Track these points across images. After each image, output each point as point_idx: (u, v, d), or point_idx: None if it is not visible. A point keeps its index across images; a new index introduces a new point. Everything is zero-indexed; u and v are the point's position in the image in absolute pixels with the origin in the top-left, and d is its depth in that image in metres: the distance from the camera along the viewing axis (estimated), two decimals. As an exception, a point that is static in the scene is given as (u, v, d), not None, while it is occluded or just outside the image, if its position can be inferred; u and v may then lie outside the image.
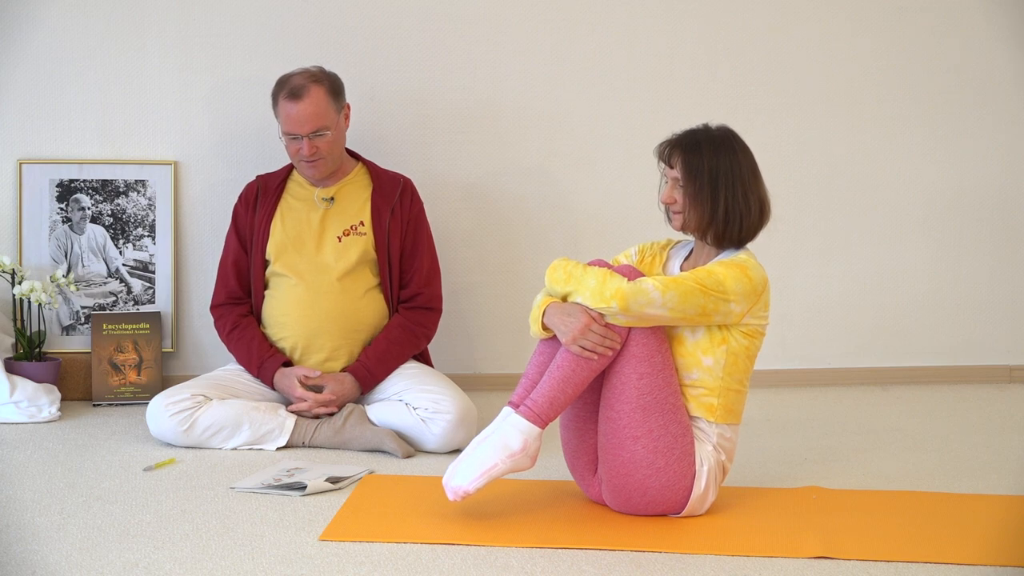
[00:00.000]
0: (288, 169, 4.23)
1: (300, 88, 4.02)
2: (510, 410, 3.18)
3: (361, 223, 4.13)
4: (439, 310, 4.21)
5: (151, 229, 4.59)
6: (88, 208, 4.56)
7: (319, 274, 4.08)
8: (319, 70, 4.09)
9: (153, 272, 4.60)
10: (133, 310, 4.57)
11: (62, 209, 4.55)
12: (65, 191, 4.55)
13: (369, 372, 4.03)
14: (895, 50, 4.83)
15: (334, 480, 3.50)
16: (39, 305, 4.37)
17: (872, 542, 3.06)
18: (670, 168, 3.28)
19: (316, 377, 3.99)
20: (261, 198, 4.18)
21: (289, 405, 3.99)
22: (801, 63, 4.80)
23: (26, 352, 4.40)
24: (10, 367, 4.32)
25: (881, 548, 3.02)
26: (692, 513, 3.24)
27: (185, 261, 4.62)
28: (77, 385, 4.51)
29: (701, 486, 3.20)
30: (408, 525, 3.16)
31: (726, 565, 2.94)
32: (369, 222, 4.13)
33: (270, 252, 4.13)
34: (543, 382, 3.17)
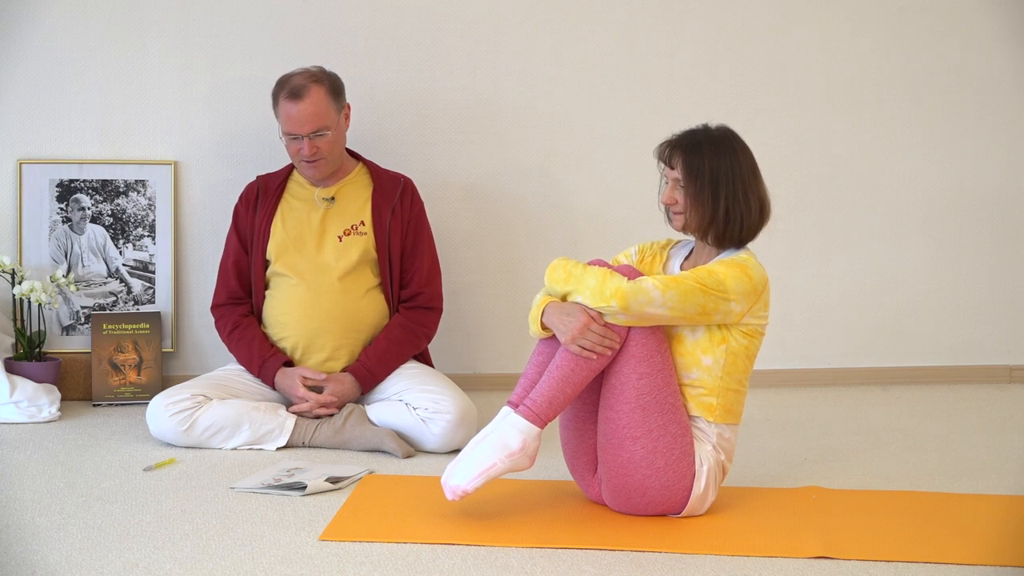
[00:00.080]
0: (289, 169, 4.23)
1: (300, 88, 4.02)
2: (509, 410, 3.18)
3: (362, 223, 4.13)
4: (439, 310, 4.21)
5: (151, 229, 4.59)
6: (88, 208, 4.56)
7: (320, 274, 4.08)
8: (319, 70, 4.09)
9: (153, 272, 4.60)
10: (133, 310, 4.57)
11: (62, 209, 4.55)
12: (65, 191, 4.55)
13: (369, 372, 4.03)
14: (895, 50, 4.83)
15: (334, 480, 3.50)
16: (39, 305, 4.37)
17: (872, 542, 3.06)
18: (670, 169, 3.27)
19: (320, 380, 3.99)
20: (262, 198, 4.18)
21: (290, 406, 3.99)
22: (801, 63, 4.80)
23: (26, 352, 4.40)
24: (10, 367, 4.32)
25: (881, 548, 3.02)
26: (692, 513, 3.23)
27: (185, 261, 4.62)
28: (77, 385, 4.51)
29: (701, 486, 3.20)
30: (408, 525, 3.16)
31: (726, 565, 2.94)
32: (370, 222, 4.13)
33: (271, 252, 4.13)
34: (542, 382, 3.16)
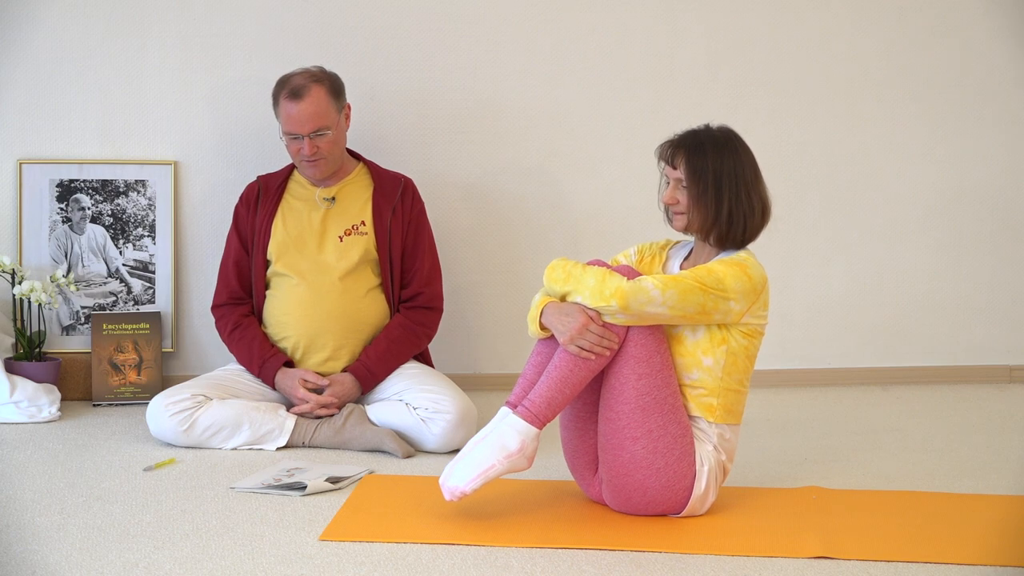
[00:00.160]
0: (289, 169, 4.23)
1: (301, 88, 4.02)
2: (508, 410, 3.18)
3: (362, 223, 4.13)
4: (440, 310, 4.21)
5: (151, 229, 4.59)
6: (88, 208, 4.56)
7: (320, 274, 4.08)
8: (320, 70, 4.09)
9: (153, 272, 4.59)
10: (133, 310, 4.57)
11: (62, 209, 4.55)
12: (65, 191, 4.55)
13: (370, 372, 4.03)
14: (895, 50, 4.83)
15: (334, 480, 3.50)
16: (39, 305, 4.37)
17: (872, 542, 3.06)
18: (672, 169, 3.26)
19: (321, 383, 3.99)
20: (262, 198, 4.18)
21: (291, 407, 3.99)
22: (801, 63, 4.80)
23: (26, 352, 4.40)
24: (10, 367, 4.32)
25: (881, 548, 3.02)
26: (692, 513, 3.23)
27: (185, 261, 4.62)
28: (77, 385, 4.51)
29: (701, 486, 3.20)
30: (408, 525, 3.16)
31: (726, 565, 2.94)
32: (370, 222, 4.13)
33: (271, 252, 4.13)
34: (541, 382, 3.16)
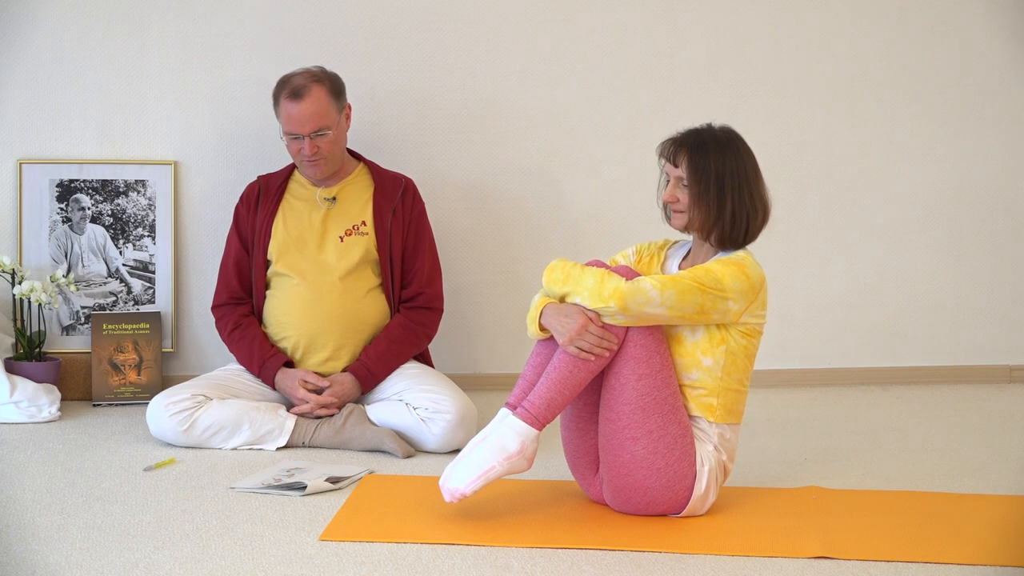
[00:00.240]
0: (290, 169, 4.23)
1: (301, 88, 4.02)
2: (507, 412, 3.17)
3: (363, 223, 4.13)
4: (440, 310, 4.21)
5: (151, 229, 4.59)
6: (88, 208, 4.56)
7: (321, 274, 4.08)
8: (320, 70, 4.09)
9: (153, 272, 4.59)
10: (133, 310, 4.57)
11: (62, 209, 4.55)
12: (65, 191, 4.55)
13: (370, 372, 4.03)
14: (895, 50, 4.83)
15: (334, 480, 3.50)
16: (39, 305, 4.37)
17: (872, 542, 3.06)
18: (674, 167, 3.26)
19: (322, 384, 3.99)
20: (263, 198, 4.18)
21: (291, 407, 3.99)
22: (801, 63, 4.80)
23: (26, 352, 4.40)
24: (10, 367, 4.32)
25: (881, 548, 3.02)
26: (693, 513, 3.23)
27: (185, 261, 4.62)
28: (77, 385, 4.51)
29: (702, 486, 3.20)
30: (408, 525, 3.16)
31: (726, 565, 2.94)
32: (371, 222, 4.13)
33: (272, 252, 4.13)
34: (540, 383, 3.16)
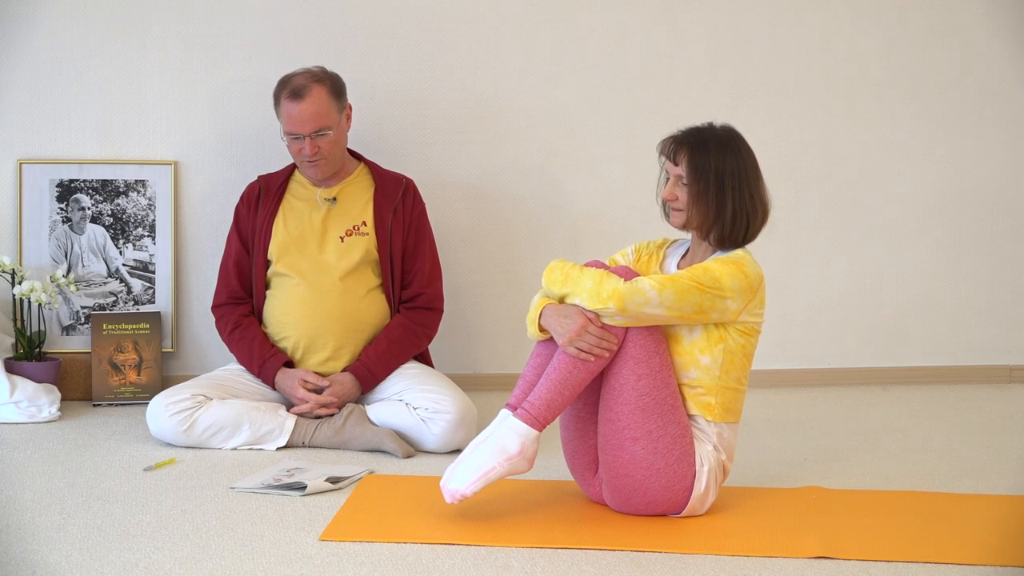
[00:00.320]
0: (290, 169, 4.23)
1: (302, 88, 4.02)
2: (507, 413, 3.17)
3: (364, 223, 4.13)
4: (440, 310, 4.21)
5: (151, 229, 4.59)
6: (88, 208, 4.56)
7: (321, 274, 4.08)
8: (321, 70, 4.09)
9: (153, 272, 4.59)
10: (133, 310, 4.57)
11: (62, 209, 4.55)
12: (65, 191, 4.55)
13: (370, 372, 4.03)
14: (895, 50, 4.83)
15: (334, 480, 3.50)
16: (39, 305, 4.37)
17: (872, 542, 3.06)
18: (674, 165, 3.26)
19: (321, 384, 3.99)
20: (263, 198, 4.18)
21: (291, 407, 3.99)
22: (801, 63, 4.80)
23: (26, 352, 4.40)
24: (10, 367, 4.32)
25: (881, 548, 3.02)
26: (692, 513, 3.23)
27: (185, 261, 4.62)
28: (77, 385, 4.51)
29: (701, 486, 3.20)
30: (408, 525, 3.16)
31: (726, 565, 2.94)
32: (371, 222, 4.13)
33: (272, 252, 4.13)
34: (540, 384, 3.16)
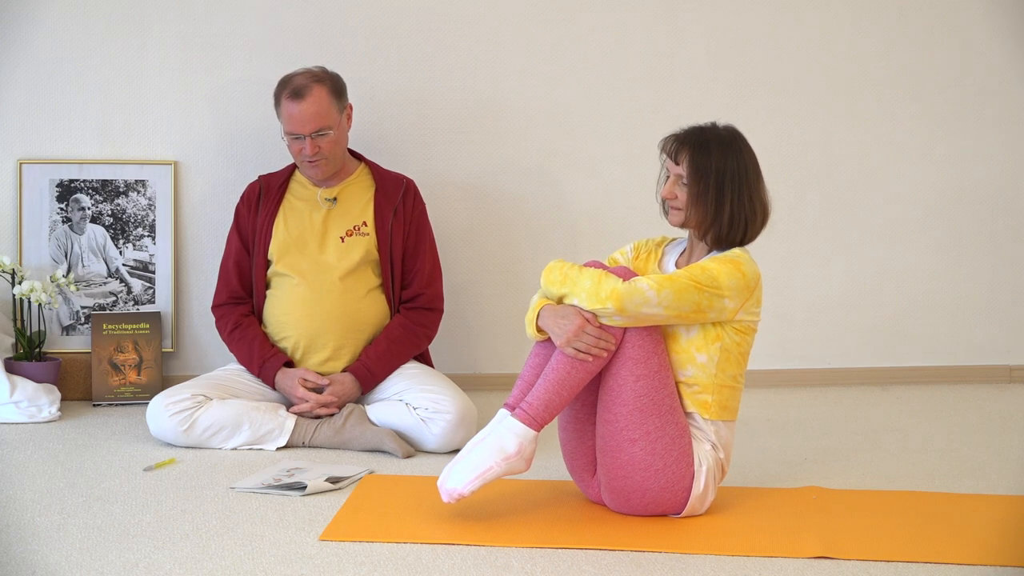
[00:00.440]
0: (290, 169, 4.23)
1: (302, 88, 4.02)
2: (506, 413, 3.18)
3: (364, 223, 4.13)
4: (440, 310, 4.21)
5: (151, 229, 4.59)
6: (88, 208, 4.56)
7: (321, 274, 4.08)
8: (321, 70, 4.09)
9: (153, 272, 4.59)
10: (133, 310, 4.57)
11: (62, 209, 4.55)
12: (65, 191, 4.55)
13: (370, 372, 4.03)
14: (895, 50, 4.83)
15: (334, 480, 3.50)
16: (39, 305, 4.37)
17: (872, 542, 3.06)
18: (675, 164, 3.26)
19: (321, 383, 3.99)
20: (263, 198, 4.18)
21: (290, 406, 3.99)
22: (801, 63, 4.80)
23: (26, 352, 4.40)
24: (10, 367, 4.32)
25: (881, 548, 3.02)
26: (692, 513, 3.23)
27: (185, 261, 4.62)
28: (77, 385, 4.51)
29: (700, 486, 3.20)
30: (408, 525, 3.16)
31: (726, 565, 2.94)
32: (372, 223, 4.13)
33: (272, 252, 4.13)
34: (538, 385, 3.16)
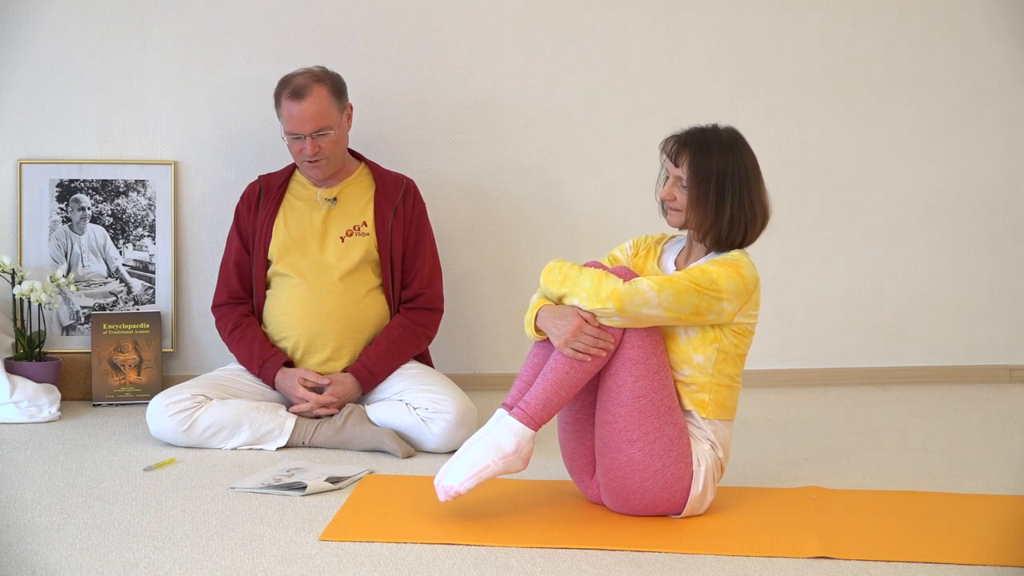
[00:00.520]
0: (290, 169, 4.23)
1: (303, 88, 4.02)
2: (504, 412, 3.18)
3: (364, 223, 4.13)
4: (440, 311, 4.21)
5: (151, 229, 4.59)
6: (88, 208, 4.56)
7: (321, 274, 4.08)
8: (321, 70, 4.09)
9: (153, 272, 4.59)
10: (133, 310, 4.57)
11: (62, 209, 4.55)
12: (65, 191, 4.55)
13: (370, 372, 4.03)
14: (895, 50, 4.83)
15: (334, 480, 3.50)
16: (39, 305, 4.37)
17: (872, 542, 3.06)
18: (674, 166, 3.26)
19: (321, 383, 3.99)
20: (264, 198, 4.18)
21: (290, 406, 3.99)
22: (801, 63, 4.80)
23: (26, 352, 4.40)
24: (10, 367, 4.32)
25: (881, 548, 3.02)
26: (692, 513, 3.23)
27: (185, 261, 4.62)
28: (77, 385, 4.51)
29: (699, 486, 3.20)
30: (408, 525, 3.16)
31: (726, 565, 2.94)
32: (372, 223, 4.13)
33: (272, 252, 4.13)
34: (537, 384, 3.16)
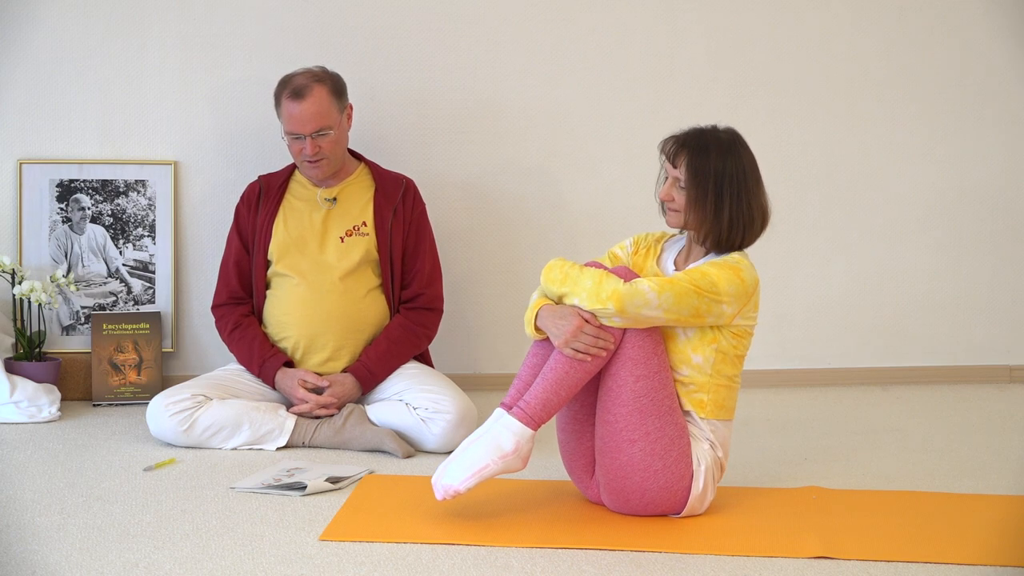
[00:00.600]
0: (290, 169, 4.23)
1: (303, 88, 4.02)
2: (503, 411, 3.18)
3: (364, 223, 4.13)
4: (440, 311, 4.21)
5: (151, 229, 4.59)
6: (88, 208, 4.56)
7: (321, 274, 4.08)
8: (322, 70, 4.09)
9: (153, 272, 4.59)
10: (133, 310, 4.57)
11: (62, 209, 4.55)
12: (65, 191, 4.55)
13: (370, 372, 4.03)
14: (895, 50, 4.83)
15: (334, 480, 3.50)
16: (39, 305, 4.37)
17: (872, 542, 3.06)
18: (673, 167, 3.26)
19: (321, 384, 3.99)
20: (263, 198, 4.18)
21: (290, 406, 3.99)
22: (801, 63, 4.80)
23: (26, 352, 4.40)
24: (10, 367, 4.32)
25: (881, 548, 3.02)
26: (692, 513, 3.23)
27: (185, 261, 4.62)
28: (77, 385, 4.51)
29: (699, 486, 3.20)
30: (408, 525, 3.16)
31: (726, 565, 2.94)
32: (372, 223, 4.13)
33: (272, 252, 4.13)
34: (536, 384, 3.16)
